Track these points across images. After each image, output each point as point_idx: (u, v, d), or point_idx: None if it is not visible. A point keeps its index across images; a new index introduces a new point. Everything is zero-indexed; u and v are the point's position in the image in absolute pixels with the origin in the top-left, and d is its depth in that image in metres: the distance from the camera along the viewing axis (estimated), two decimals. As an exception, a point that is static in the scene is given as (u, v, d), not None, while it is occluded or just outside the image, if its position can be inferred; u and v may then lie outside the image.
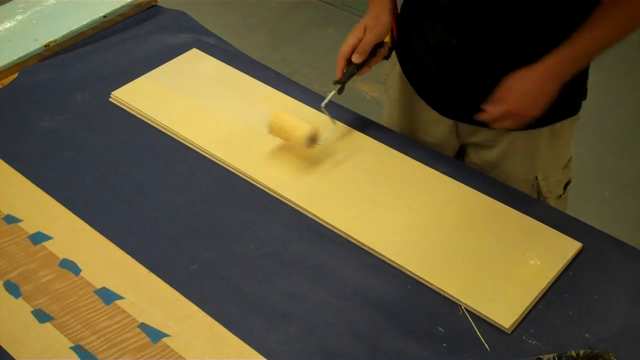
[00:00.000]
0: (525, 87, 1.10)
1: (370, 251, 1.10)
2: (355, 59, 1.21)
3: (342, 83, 1.24)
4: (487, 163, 1.32)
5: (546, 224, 1.12)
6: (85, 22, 1.60)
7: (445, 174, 1.21)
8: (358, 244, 1.12)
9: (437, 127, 1.35)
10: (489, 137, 1.29)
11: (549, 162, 1.28)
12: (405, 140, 1.31)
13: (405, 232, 1.12)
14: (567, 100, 1.22)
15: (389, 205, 1.16)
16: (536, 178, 1.28)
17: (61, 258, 1.12)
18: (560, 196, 1.32)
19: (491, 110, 1.13)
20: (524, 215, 1.13)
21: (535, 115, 1.12)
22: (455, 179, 1.20)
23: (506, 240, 1.10)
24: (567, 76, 1.09)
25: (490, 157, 1.31)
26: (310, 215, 1.17)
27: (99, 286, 1.07)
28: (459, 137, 1.35)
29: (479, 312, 1.01)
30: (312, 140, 1.23)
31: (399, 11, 1.27)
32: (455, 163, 1.27)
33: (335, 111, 1.35)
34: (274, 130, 1.25)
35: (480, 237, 1.11)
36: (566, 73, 1.09)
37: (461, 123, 1.31)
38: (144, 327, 1.02)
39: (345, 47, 1.22)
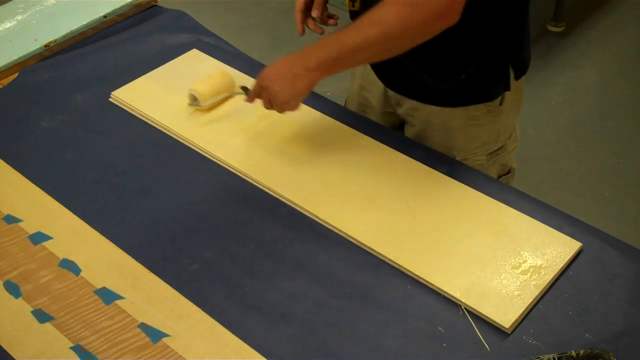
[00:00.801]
0: (277, 65, 1.16)
1: (370, 251, 1.10)
2: (314, 13, 1.30)
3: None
4: (415, 137, 1.37)
5: (546, 224, 1.12)
6: (85, 22, 1.60)
7: (445, 174, 1.21)
8: (358, 244, 1.12)
9: (373, 89, 1.41)
10: (411, 107, 1.34)
11: (466, 145, 1.32)
12: (405, 140, 1.31)
13: (405, 232, 1.12)
14: (480, 86, 1.26)
15: (389, 205, 1.16)
16: (454, 157, 1.32)
17: (61, 258, 1.12)
18: None
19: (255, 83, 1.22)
20: (524, 215, 1.13)
21: (281, 94, 1.15)
22: (455, 179, 1.20)
23: (506, 240, 1.10)
24: (313, 61, 1.11)
25: (414, 132, 1.37)
26: (310, 215, 1.16)
27: (99, 286, 1.07)
28: (390, 106, 1.40)
29: (479, 312, 1.01)
30: (193, 99, 1.35)
31: None
32: (455, 163, 1.27)
33: (336, 111, 1.35)
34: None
35: (480, 237, 1.11)
36: (311, 58, 1.11)
37: (389, 90, 1.37)
38: (144, 327, 1.02)
39: (299, 3, 1.33)
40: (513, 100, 1.32)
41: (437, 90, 1.28)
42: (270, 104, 1.19)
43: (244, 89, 1.31)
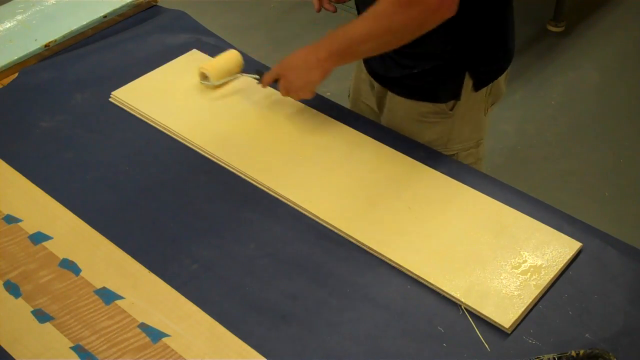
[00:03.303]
0: (294, 55, 1.26)
1: (370, 251, 1.10)
2: None
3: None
4: (384, 123, 1.41)
5: (546, 224, 1.12)
6: (85, 22, 1.60)
7: (445, 174, 1.21)
8: (358, 244, 1.12)
9: (362, 76, 1.46)
10: (379, 91, 1.39)
11: (413, 138, 1.34)
12: (405, 140, 1.31)
13: (405, 232, 1.12)
14: (428, 84, 1.30)
15: (389, 205, 1.16)
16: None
17: (61, 258, 1.12)
18: None
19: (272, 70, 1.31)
20: (524, 215, 1.13)
21: (296, 82, 1.25)
22: (455, 179, 1.20)
23: (506, 240, 1.10)
24: (323, 52, 1.20)
25: (380, 115, 1.43)
26: (310, 215, 1.16)
27: (99, 286, 1.07)
28: (377, 98, 1.43)
29: (479, 312, 1.01)
30: (204, 77, 1.41)
31: None
32: (455, 163, 1.27)
33: (336, 111, 1.35)
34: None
35: (480, 237, 1.11)
36: (322, 50, 1.21)
37: (374, 81, 1.40)
38: (144, 327, 1.02)
39: None
40: (469, 110, 1.33)
41: (393, 78, 1.33)
42: (287, 91, 1.28)
43: (259, 72, 1.36)
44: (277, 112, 1.35)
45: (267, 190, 1.21)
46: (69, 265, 1.10)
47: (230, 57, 1.43)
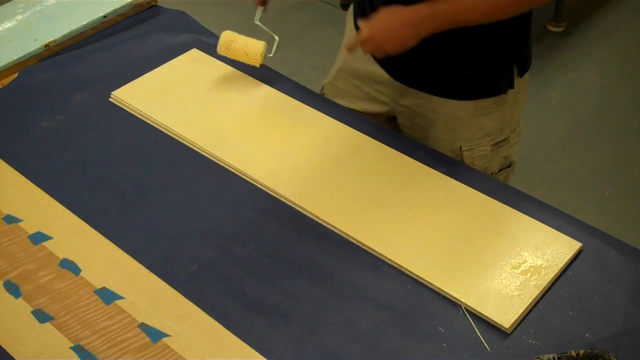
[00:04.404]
0: (387, 21, 1.19)
1: (370, 251, 1.10)
2: None
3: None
4: (418, 128, 1.39)
5: (546, 224, 1.12)
6: (85, 22, 1.60)
7: (445, 174, 1.21)
8: (358, 244, 1.12)
9: (376, 79, 1.41)
10: (418, 97, 1.35)
11: (471, 135, 1.34)
12: (405, 140, 1.31)
13: (405, 232, 1.12)
14: (486, 81, 1.30)
15: (389, 205, 1.16)
16: (460, 148, 1.35)
17: (61, 258, 1.12)
18: (493, 174, 1.39)
19: (362, 28, 1.21)
20: (524, 215, 1.13)
21: (388, 51, 1.19)
22: (455, 179, 1.20)
23: (506, 240, 1.10)
24: (422, 28, 1.15)
25: (421, 122, 1.39)
26: (310, 215, 1.16)
27: (99, 286, 1.07)
28: (386, 95, 1.41)
29: (479, 312, 1.01)
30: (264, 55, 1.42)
31: None
32: (456, 163, 1.27)
33: (336, 111, 1.35)
34: (224, 48, 1.42)
35: (480, 237, 1.11)
36: (421, 24, 1.15)
37: (395, 81, 1.37)
38: (144, 327, 1.02)
39: None
40: (519, 95, 1.36)
41: (445, 84, 1.32)
42: (379, 51, 1.22)
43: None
44: (276, 112, 1.35)
45: (266, 190, 1.21)
46: (69, 265, 1.10)
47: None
